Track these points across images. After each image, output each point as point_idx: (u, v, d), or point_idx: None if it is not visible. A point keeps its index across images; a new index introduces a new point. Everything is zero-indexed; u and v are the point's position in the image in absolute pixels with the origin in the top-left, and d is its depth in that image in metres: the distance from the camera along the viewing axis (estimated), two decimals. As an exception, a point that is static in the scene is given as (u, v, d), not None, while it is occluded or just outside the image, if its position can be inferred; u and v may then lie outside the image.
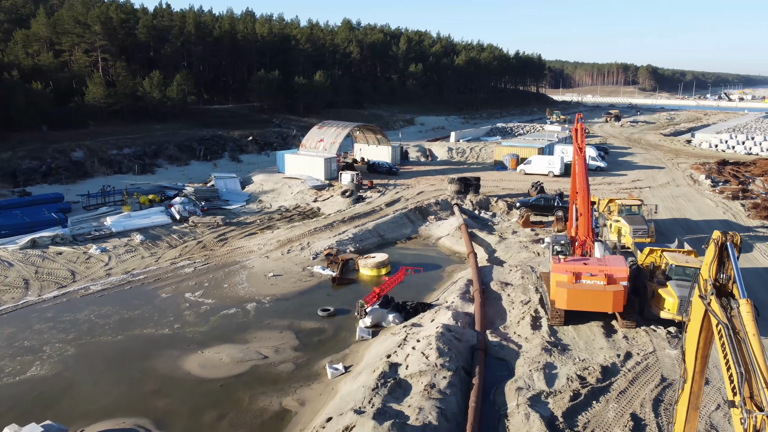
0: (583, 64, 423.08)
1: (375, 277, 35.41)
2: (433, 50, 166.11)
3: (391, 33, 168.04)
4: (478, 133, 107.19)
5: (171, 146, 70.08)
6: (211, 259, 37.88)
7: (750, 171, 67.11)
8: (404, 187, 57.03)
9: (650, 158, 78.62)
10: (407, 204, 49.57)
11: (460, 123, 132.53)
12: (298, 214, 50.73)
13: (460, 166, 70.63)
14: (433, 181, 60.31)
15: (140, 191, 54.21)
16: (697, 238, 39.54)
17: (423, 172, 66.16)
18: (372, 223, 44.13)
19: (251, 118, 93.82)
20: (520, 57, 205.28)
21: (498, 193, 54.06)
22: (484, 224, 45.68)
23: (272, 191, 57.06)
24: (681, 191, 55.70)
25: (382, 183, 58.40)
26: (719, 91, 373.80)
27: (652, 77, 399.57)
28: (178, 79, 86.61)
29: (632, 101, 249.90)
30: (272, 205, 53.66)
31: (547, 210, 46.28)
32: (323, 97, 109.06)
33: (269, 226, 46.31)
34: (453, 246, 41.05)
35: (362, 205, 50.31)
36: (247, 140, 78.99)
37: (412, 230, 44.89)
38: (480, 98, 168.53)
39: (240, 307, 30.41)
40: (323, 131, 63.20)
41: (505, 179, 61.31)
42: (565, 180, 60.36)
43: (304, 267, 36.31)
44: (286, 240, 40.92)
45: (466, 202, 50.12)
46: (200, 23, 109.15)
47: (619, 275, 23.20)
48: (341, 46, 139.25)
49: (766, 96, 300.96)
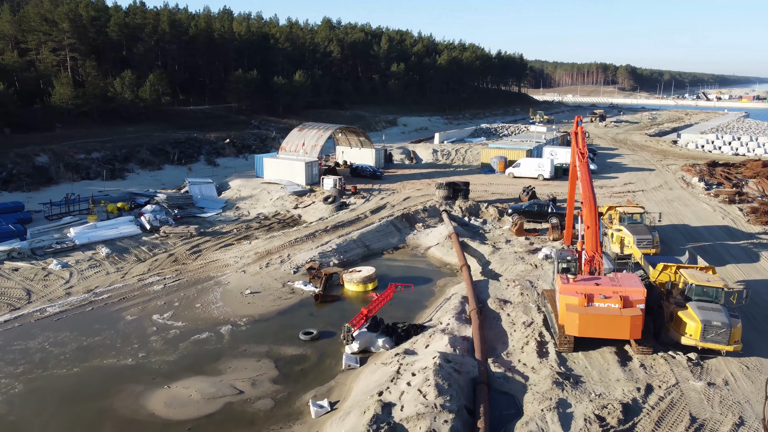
0: (563, 64, 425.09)
1: (361, 293, 32.79)
2: (414, 50, 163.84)
3: (372, 32, 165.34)
4: (463, 134, 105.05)
5: (143, 150, 66.59)
6: (183, 275, 34.89)
7: (741, 173, 65.80)
8: (389, 192, 54.44)
9: (639, 159, 77.09)
10: (393, 211, 46.98)
11: (443, 124, 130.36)
12: (277, 222, 47.85)
13: (446, 169, 68.26)
14: (419, 185, 57.82)
15: (108, 199, 50.81)
16: (700, 246, 37.62)
17: (408, 175, 63.64)
18: (357, 232, 41.45)
19: (229, 119, 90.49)
20: (501, 57, 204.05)
21: (487, 198, 51.75)
22: (474, 232, 43.29)
23: (250, 197, 54.07)
24: (675, 195, 53.94)
25: (366, 188, 55.72)
26: (696, 91, 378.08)
27: (631, 77, 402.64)
28: (152, 79, 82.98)
29: (613, 101, 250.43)
30: (250, 212, 50.70)
31: (541, 217, 44.07)
32: (303, 98, 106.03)
33: (247, 236, 43.39)
34: (443, 257, 38.56)
35: (346, 212, 47.60)
36: (224, 143, 75.73)
37: (400, 239, 42.32)
38: (463, 98, 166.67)
39: (213, 331, 27.54)
40: (303, 134, 60.34)
41: (494, 183, 59.05)
42: (556, 184, 58.41)
43: (285, 282, 33.53)
44: (265, 252, 38.06)
45: (455, 208, 47.70)
46: (175, 21, 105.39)
47: (635, 297, 20.87)
48: (321, 45, 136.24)
49: (742, 96, 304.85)
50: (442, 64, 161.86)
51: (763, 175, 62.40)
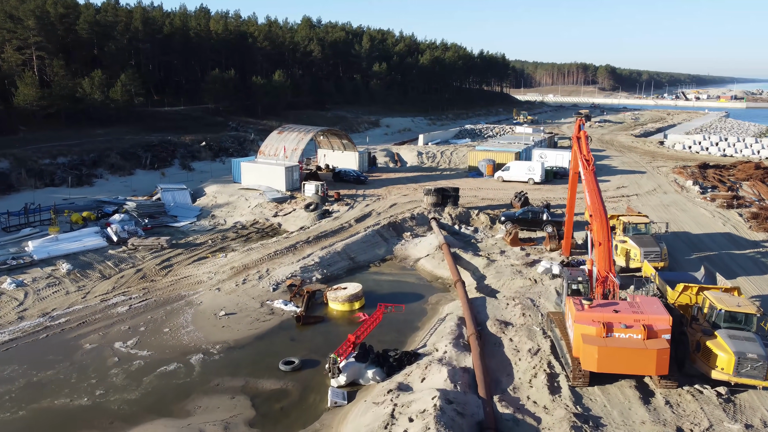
0: (543, 64, 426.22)
1: (347, 313, 30.07)
2: (396, 49, 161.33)
3: (353, 31, 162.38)
4: (447, 136, 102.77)
5: (113, 154, 63.00)
6: (151, 293, 31.83)
7: (733, 175, 64.35)
8: (374, 198, 51.73)
9: (628, 161, 75.40)
10: (379, 219, 44.28)
11: (427, 124, 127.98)
12: (256, 232, 44.88)
13: (432, 173, 65.75)
14: (405, 190, 55.19)
15: (73, 207, 47.40)
16: (705, 256, 35.58)
17: (393, 179, 60.98)
18: (341, 243, 38.68)
19: (205, 120, 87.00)
20: (484, 56, 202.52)
21: (477, 205, 49.31)
22: (466, 242, 40.80)
23: (227, 205, 50.95)
24: (671, 199, 52.06)
25: (349, 194, 52.95)
26: (674, 91, 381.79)
27: (611, 77, 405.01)
28: (123, 79, 79.20)
29: (594, 101, 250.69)
30: (227, 221, 47.62)
31: (536, 224, 41.74)
32: (283, 98, 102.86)
33: (222, 247, 40.38)
34: (434, 270, 35.99)
35: (329, 220, 44.77)
36: (200, 146, 72.34)
37: (387, 250, 39.64)
38: (445, 99, 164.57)
39: (182, 361, 24.62)
40: (283, 137, 57.34)
41: (483, 187, 56.67)
42: (547, 188, 56.25)
43: (263, 302, 30.67)
44: (242, 266, 35.12)
45: (444, 215, 45.18)
46: (148, 19, 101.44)
47: (660, 326, 18.46)
48: (301, 44, 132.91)
49: (720, 96, 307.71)
50: (424, 64, 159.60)
51: (756, 177, 60.96)
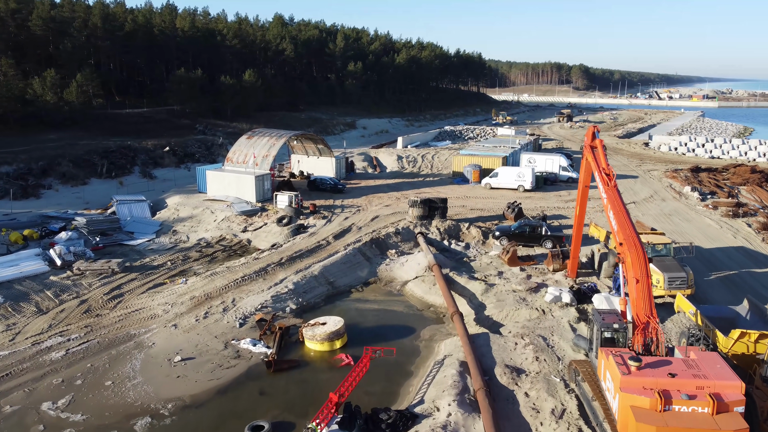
0: (517, 64, 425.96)
1: (327, 353, 25.65)
2: (372, 48, 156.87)
3: (326, 30, 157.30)
4: (427, 138, 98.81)
5: (65, 161, 57.36)
6: (95, 332, 26.95)
7: (728, 179, 61.60)
8: (354, 209, 47.26)
9: (617, 165, 72.23)
10: (360, 235, 39.84)
11: (404, 126, 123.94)
12: (222, 250, 40.11)
13: (413, 179, 61.55)
14: (387, 199, 50.85)
15: (14, 225, 41.98)
16: (725, 276, 32.04)
17: (373, 187, 56.59)
18: (318, 265, 34.18)
19: (170, 123, 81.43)
20: (460, 55, 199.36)
21: (467, 216, 45.24)
22: (458, 260, 36.67)
23: (190, 218, 45.98)
24: (671, 207, 48.75)
25: (326, 204, 48.40)
26: (645, 90, 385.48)
27: (585, 76, 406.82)
28: (79, 80, 73.36)
29: (571, 100, 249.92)
30: (190, 237, 42.72)
31: (533, 240, 37.83)
32: (254, 99, 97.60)
33: (183, 271, 35.55)
34: (425, 295, 31.77)
35: (304, 237, 40.15)
36: (164, 151, 66.97)
37: (370, 272, 35.28)
38: (422, 99, 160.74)
39: (124, 429, 19.93)
40: (253, 142, 52.52)
41: (470, 196, 52.65)
42: (539, 196, 52.53)
43: (227, 341, 26.05)
44: (204, 296, 30.39)
45: (431, 229, 40.99)
46: (108, 15, 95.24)
47: (731, 395, 14.46)
48: (273, 43, 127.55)
49: (692, 95, 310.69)
50: (400, 63, 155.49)
51: (753, 182, 58.20)
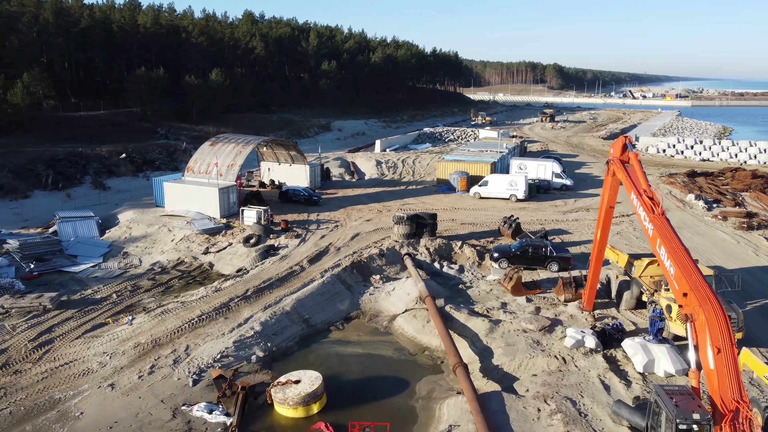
0: (492, 63, 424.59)
1: (302, 420, 20.59)
2: (346, 46, 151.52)
3: (299, 28, 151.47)
4: (406, 140, 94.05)
5: (5, 171, 51.02)
6: (9, 398, 21.44)
7: (728, 184, 58.16)
8: (331, 225, 42.12)
9: (608, 169, 68.37)
10: (340, 258, 34.75)
11: (381, 127, 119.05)
12: (179, 277, 34.67)
13: (395, 188, 56.64)
14: (367, 212, 45.83)
15: (-68, 250, 35.89)
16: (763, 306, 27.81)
17: (352, 198, 51.52)
18: (290, 298, 29.04)
19: (129, 127, 75.13)
20: (437, 54, 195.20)
21: (457, 231, 40.50)
22: (452, 287, 31.89)
23: (144, 238, 40.33)
24: (677, 218, 44.72)
25: (300, 219, 43.17)
26: (617, 89, 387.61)
27: (559, 76, 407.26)
28: (26, 79, 66.71)
29: (547, 100, 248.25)
30: (142, 261, 37.16)
31: (537, 262, 33.26)
32: (222, 100, 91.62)
33: (131, 306, 30.08)
34: (418, 335, 26.90)
35: (275, 261, 34.89)
36: (120, 158, 60.87)
37: (351, 303, 30.26)
38: (399, 99, 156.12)
39: None
40: (217, 149, 47.00)
41: (459, 207, 47.95)
42: (534, 207, 48.06)
43: (177, 407, 20.82)
44: (151, 342, 25.02)
45: (420, 249, 36.14)
46: (62, 10, 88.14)
47: None
48: (243, 40, 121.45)
49: (665, 94, 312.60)
50: (376, 62, 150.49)
51: (756, 188, 54.78)
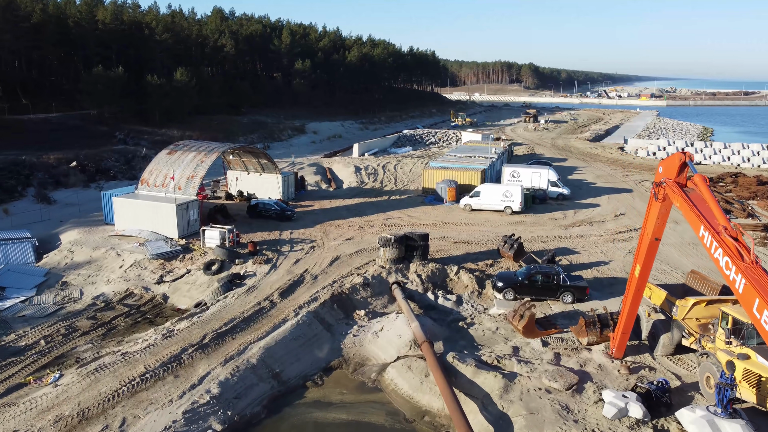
0: (467, 63, 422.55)
1: None
2: (320, 45, 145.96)
3: (271, 25, 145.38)
4: (385, 144, 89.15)
5: (-69, 184, 44.66)
6: None
7: (732, 191, 54.58)
8: (307, 245, 36.88)
9: (602, 174, 64.52)
10: (318, 290, 29.58)
11: (359, 129, 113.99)
12: (126, 314, 29.24)
13: (377, 198, 51.64)
14: (347, 229, 40.73)
15: None
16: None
17: (329, 211, 46.37)
18: (258, 345, 23.83)
19: (84, 131, 68.76)
20: (414, 54, 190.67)
21: (450, 252, 35.68)
22: (450, 324, 27.03)
23: (89, 264, 34.63)
24: (689, 232, 40.58)
25: (271, 239, 37.85)
26: (591, 88, 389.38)
27: (534, 75, 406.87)
28: (-35, 79, 60.03)
29: (525, 100, 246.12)
30: (84, 293, 31.59)
31: (548, 292, 28.58)
32: (188, 102, 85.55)
33: (61, 356, 24.59)
34: (415, 393, 21.99)
35: (240, 294, 29.56)
36: (69, 167, 54.69)
37: (332, 348, 25.19)
38: (376, 99, 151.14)
39: None
40: (176, 159, 41.39)
41: (450, 221, 43.13)
42: (531, 221, 43.44)
43: None
44: (77, 415, 19.59)
45: (410, 276, 31.22)
46: (11, 3, 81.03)
47: None
48: (211, 38, 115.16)
49: (640, 93, 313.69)
50: (352, 61, 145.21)
51: (763, 195, 51.21)
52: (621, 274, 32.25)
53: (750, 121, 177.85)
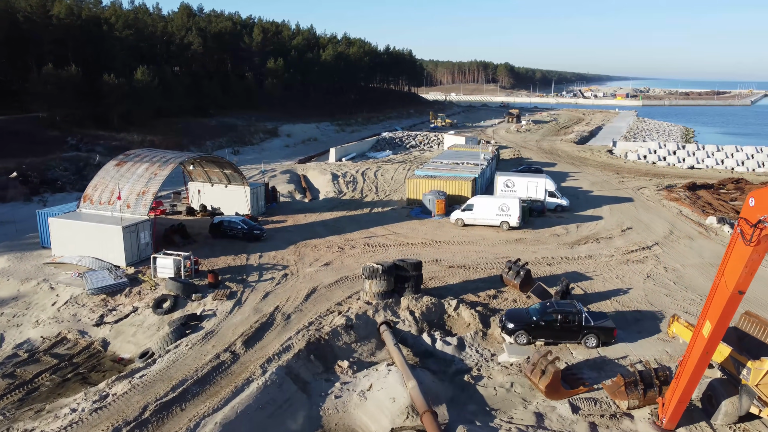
0: (443, 63, 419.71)
1: None
2: (294, 43, 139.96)
3: (242, 22, 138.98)
4: (363, 147, 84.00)
5: None
6: None
7: (738, 199, 50.90)
8: (278, 273, 31.64)
9: (597, 181, 60.43)
10: (290, 335, 24.38)
11: (335, 131, 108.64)
12: (54, 368, 23.77)
13: (357, 211, 46.55)
14: (325, 251, 35.56)
15: None
16: None
17: (304, 228, 41.12)
18: (213, 421, 18.56)
19: (31, 137, 62.19)
20: (391, 53, 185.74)
21: (447, 280, 30.80)
22: (453, 377, 22.19)
23: (15, 300, 28.91)
24: (708, 250, 36.49)
25: (236, 266, 32.48)
26: (566, 88, 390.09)
27: (510, 75, 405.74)
28: None
29: (504, 100, 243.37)
30: (5, 338, 26.11)
31: (568, 334, 23.88)
32: (150, 103, 79.22)
33: (-44, 439, 19.01)
34: (417, 486, 16.97)
35: (195, 342, 24.20)
36: (9, 177, 48.43)
37: (309, 417, 20.05)
38: (352, 100, 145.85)
39: None
40: (125, 171, 35.72)
41: (441, 240, 38.23)
42: (532, 238, 38.76)
43: None
44: None
45: (401, 313, 26.27)
46: (-50, -4, 73.93)
47: None
48: (177, 35, 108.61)
49: (615, 93, 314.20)
50: (327, 60, 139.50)
51: (774, 204, 47.36)
52: (645, 305, 27.79)
53: (728, 121, 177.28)
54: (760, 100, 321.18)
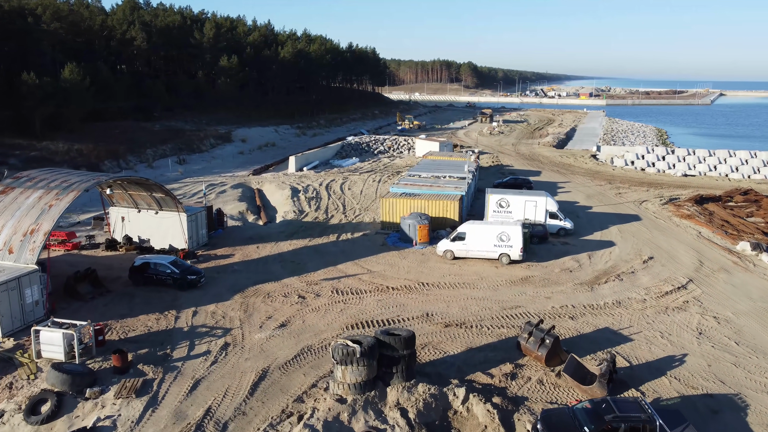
0: (405, 62, 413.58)
1: None
2: (250, 40, 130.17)
3: (192, 17, 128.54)
4: (327, 154, 75.77)
5: None
6: None
7: (753, 214, 44.95)
8: (215, 344, 23.34)
9: (592, 193, 53.81)
10: (224, 466, 16.26)
11: (295, 135, 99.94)
12: None
13: (322, 239, 38.42)
14: (281, 302, 27.36)
15: None
16: None
17: (257, 265, 32.79)
18: None
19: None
20: (353, 50, 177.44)
21: (444, 348, 23.02)
22: None
23: None
24: (753, 287, 29.81)
25: (157, 332, 23.99)
26: (528, 87, 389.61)
27: (474, 74, 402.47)
28: None
29: (468, 100, 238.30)
30: None
31: (635, 451, 16.37)
32: (81, 105, 69.19)
33: None
34: None
35: (76, 483, 15.85)
36: None
37: None
38: (313, 100, 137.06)
39: None
40: (10, 201, 26.78)
41: (429, 281, 30.43)
42: (540, 275, 31.37)
43: None
44: None
45: (389, 416, 18.36)
46: None
47: None
48: (118, 30, 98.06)
49: (578, 93, 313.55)
50: (285, 58, 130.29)
51: (801, 222, 41.53)
52: (714, 383, 20.65)
53: (695, 120, 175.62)
54: (718, 99, 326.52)
